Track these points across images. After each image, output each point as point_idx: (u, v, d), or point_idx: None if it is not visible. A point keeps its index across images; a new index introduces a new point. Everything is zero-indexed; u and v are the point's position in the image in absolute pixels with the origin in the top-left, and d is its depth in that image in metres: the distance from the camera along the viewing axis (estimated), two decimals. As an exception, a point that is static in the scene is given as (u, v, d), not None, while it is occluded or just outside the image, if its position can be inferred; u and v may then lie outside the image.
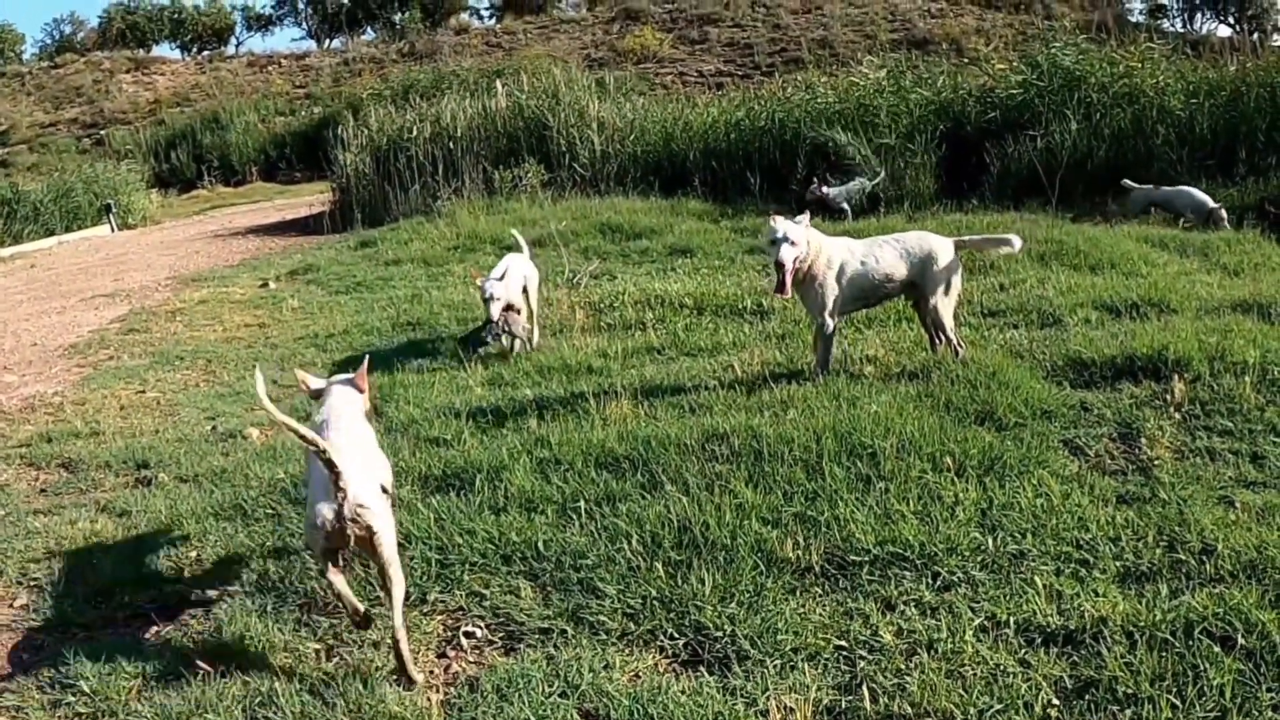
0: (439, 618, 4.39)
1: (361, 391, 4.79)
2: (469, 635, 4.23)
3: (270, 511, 5.55)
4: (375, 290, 11.99)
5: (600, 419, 6.23)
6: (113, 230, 27.08)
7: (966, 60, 22.10)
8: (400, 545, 4.75)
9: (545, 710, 3.62)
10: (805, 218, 6.60)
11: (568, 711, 3.62)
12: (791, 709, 3.49)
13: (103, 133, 46.93)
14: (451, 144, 19.03)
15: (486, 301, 8.07)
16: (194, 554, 5.24)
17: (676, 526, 4.71)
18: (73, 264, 20.25)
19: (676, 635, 4.02)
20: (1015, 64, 17.01)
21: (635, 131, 18.31)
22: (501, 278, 8.20)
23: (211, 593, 4.85)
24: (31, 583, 5.24)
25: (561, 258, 11.80)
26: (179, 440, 7.18)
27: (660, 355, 7.93)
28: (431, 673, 4.04)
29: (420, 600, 4.48)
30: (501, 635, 4.22)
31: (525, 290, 8.59)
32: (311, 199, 25.99)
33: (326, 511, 3.89)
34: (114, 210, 27.71)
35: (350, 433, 4.37)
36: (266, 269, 15.44)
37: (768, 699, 3.57)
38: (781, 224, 6.40)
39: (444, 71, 38.26)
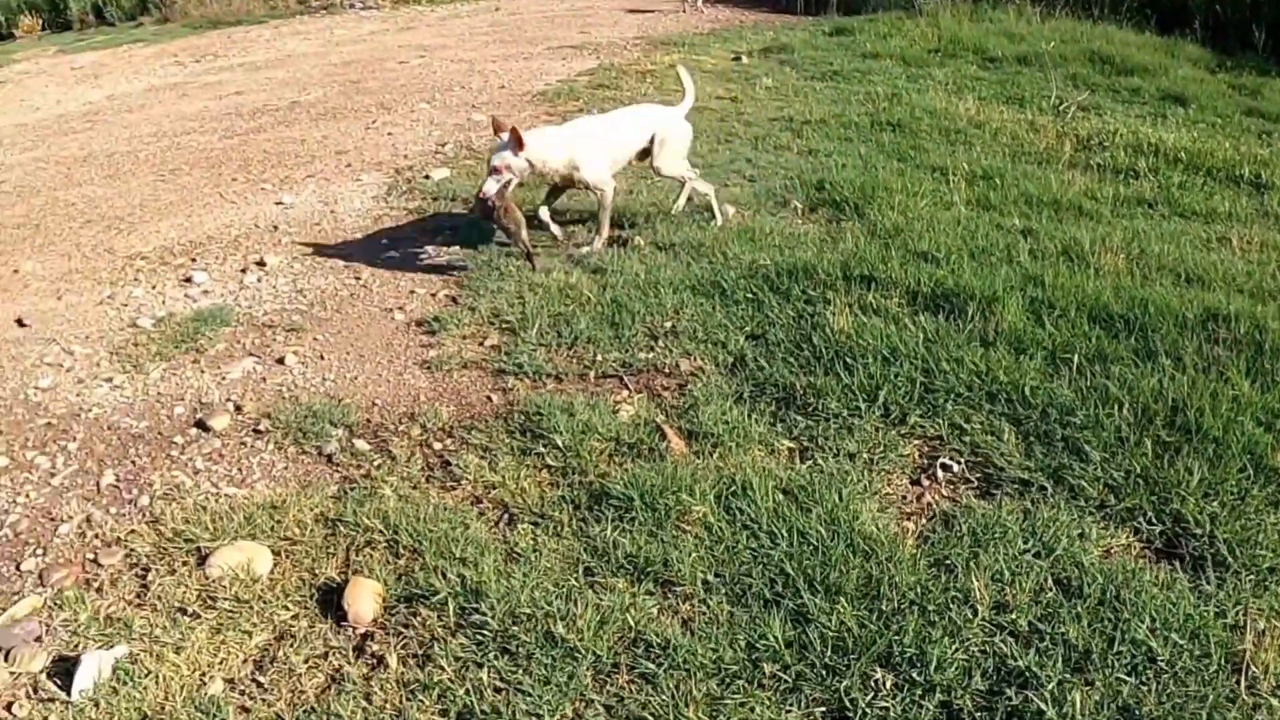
0: (916, 443, 4.23)
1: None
2: (946, 468, 4.06)
3: (750, 296, 5.48)
4: (852, 82, 11.68)
5: (1094, 269, 5.81)
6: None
7: None
8: (884, 359, 4.62)
9: (1019, 567, 3.40)
10: None
11: (1043, 574, 3.38)
12: (1264, 632, 3.10)
13: None
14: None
15: (490, 172, 6.00)
16: (669, 324, 5.27)
17: (1169, 405, 4.29)
18: (538, 11, 20.85)
19: (1155, 520, 3.69)
20: None
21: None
22: (511, 150, 5.91)
23: (685, 367, 4.87)
24: (504, 325, 5.41)
25: (1049, 80, 11.17)
26: (652, 204, 7.24)
27: (1152, 210, 7.33)
28: (904, 499, 3.91)
29: (900, 420, 4.33)
30: (978, 476, 4.02)
31: (654, 149, 6.70)
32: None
33: None
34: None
35: None
36: (738, 41, 15.37)
37: (1239, 614, 3.19)
38: None
39: None
